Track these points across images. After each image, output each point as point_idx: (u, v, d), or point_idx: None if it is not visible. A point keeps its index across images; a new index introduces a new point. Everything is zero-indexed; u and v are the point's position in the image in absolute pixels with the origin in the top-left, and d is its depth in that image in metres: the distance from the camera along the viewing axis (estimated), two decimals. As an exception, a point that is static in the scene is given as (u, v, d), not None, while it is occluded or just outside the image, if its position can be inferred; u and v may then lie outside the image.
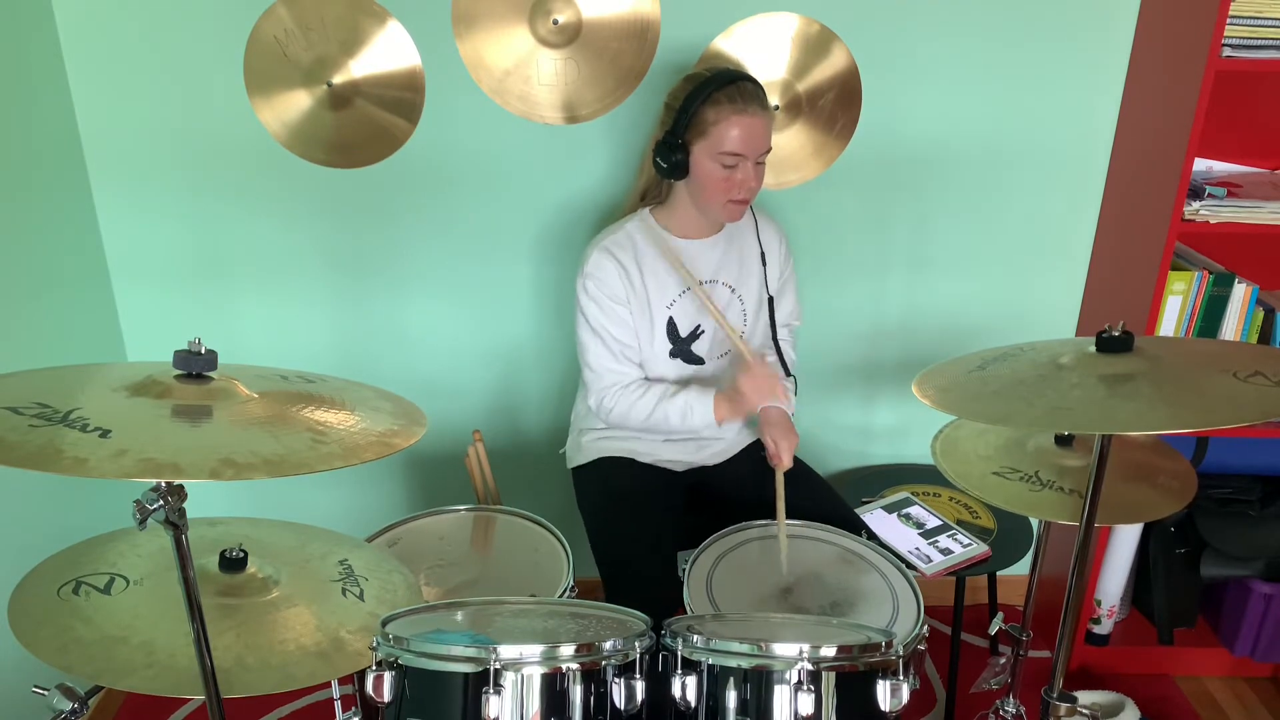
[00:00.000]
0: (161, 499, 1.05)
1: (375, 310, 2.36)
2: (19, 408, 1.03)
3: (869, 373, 2.48)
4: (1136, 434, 1.71)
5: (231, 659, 1.22)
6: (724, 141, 1.76)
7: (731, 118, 1.75)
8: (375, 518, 2.35)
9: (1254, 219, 2.00)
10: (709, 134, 1.76)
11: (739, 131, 1.75)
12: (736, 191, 1.80)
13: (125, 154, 2.19)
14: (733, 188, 1.80)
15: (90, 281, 2.25)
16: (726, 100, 1.75)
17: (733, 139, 1.75)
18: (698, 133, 1.77)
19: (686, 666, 1.29)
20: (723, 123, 1.75)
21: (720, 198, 1.82)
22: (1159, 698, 2.36)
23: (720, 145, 1.76)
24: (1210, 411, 1.19)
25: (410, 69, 2.08)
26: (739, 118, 1.75)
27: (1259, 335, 2.12)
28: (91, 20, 2.08)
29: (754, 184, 1.80)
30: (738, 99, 1.75)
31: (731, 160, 1.77)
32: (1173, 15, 2.01)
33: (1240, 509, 2.34)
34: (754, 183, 1.80)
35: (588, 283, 1.86)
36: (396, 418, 1.22)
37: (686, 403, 1.88)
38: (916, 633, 1.50)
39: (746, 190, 1.80)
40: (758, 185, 1.82)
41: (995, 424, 1.74)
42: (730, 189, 1.80)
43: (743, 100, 1.76)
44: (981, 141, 2.25)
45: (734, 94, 1.75)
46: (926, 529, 2.16)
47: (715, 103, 1.75)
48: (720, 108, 1.75)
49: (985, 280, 2.39)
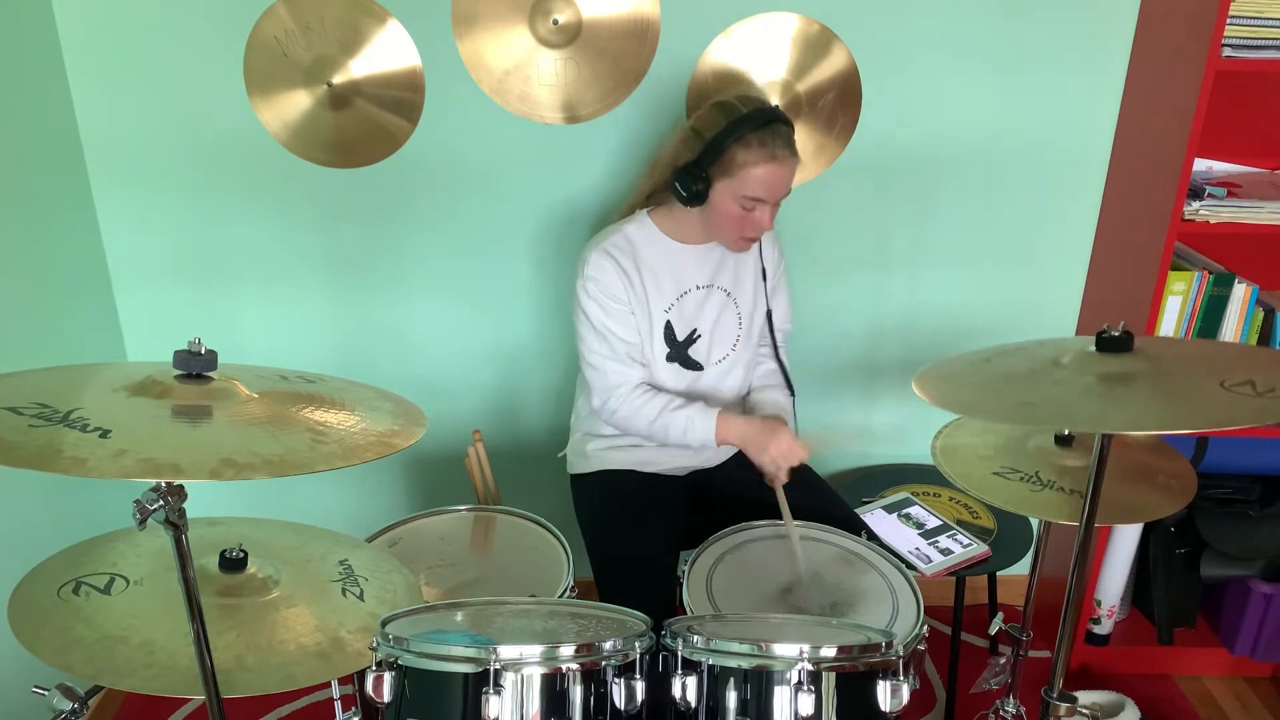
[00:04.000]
0: (161, 499, 1.05)
1: (375, 310, 2.36)
2: (19, 408, 1.03)
3: (869, 372, 2.47)
4: (1136, 434, 1.71)
5: (231, 659, 1.22)
6: (749, 186, 1.74)
7: (762, 164, 1.72)
8: (375, 518, 2.35)
9: (1254, 219, 2.00)
10: (735, 175, 1.74)
11: (767, 179, 1.73)
12: (750, 230, 1.80)
13: (125, 154, 2.19)
14: (748, 226, 1.80)
15: (90, 282, 2.25)
16: (759, 145, 1.72)
17: (759, 185, 1.74)
18: (723, 170, 1.75)
19: (686, 667, 1.29)
20: (752, 167, 1.72)
21: (733, 233, 1.82)
22: (1159, 698, 2.36)
23: (744, 189, 1.74)
24: (1210, 412, 1.19)
25: (410, 69, 2.08)
26: (769, 165, 1.72)
27: (1259, 336, 2.12)
28: (91, 20, 2.08)
29: (768, 225, 1.80)
30: (769, 144, 1.72)
31: (752, 204, 1.76)
32: (1173, 15, 2.01)
33: (1240, 509, 2.34)
34: (768, 224, 1.80)
35: (589, 284, 1.86)
36: (396, 418, 1.22)
37: (689, 418, 1.87)
38: (916, 633, 1.50)
39: (760, 230, 1.81)
40: (770, 226, 1.81)
41: (995, 422, 1.74)
42: (745, 227, 1.80)
43: (774, 145, 1.72)
44: (981, 141, 2.25)
45: (767, 138, 1.72)
46: (926, 529, 2.16)
47: (747, 145, 1.72)
48: (751, 151, 1.72)
49: (985, 280, 2.39)
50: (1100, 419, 1.22)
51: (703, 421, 1.87)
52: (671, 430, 1.88)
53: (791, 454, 1.83)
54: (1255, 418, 1.12)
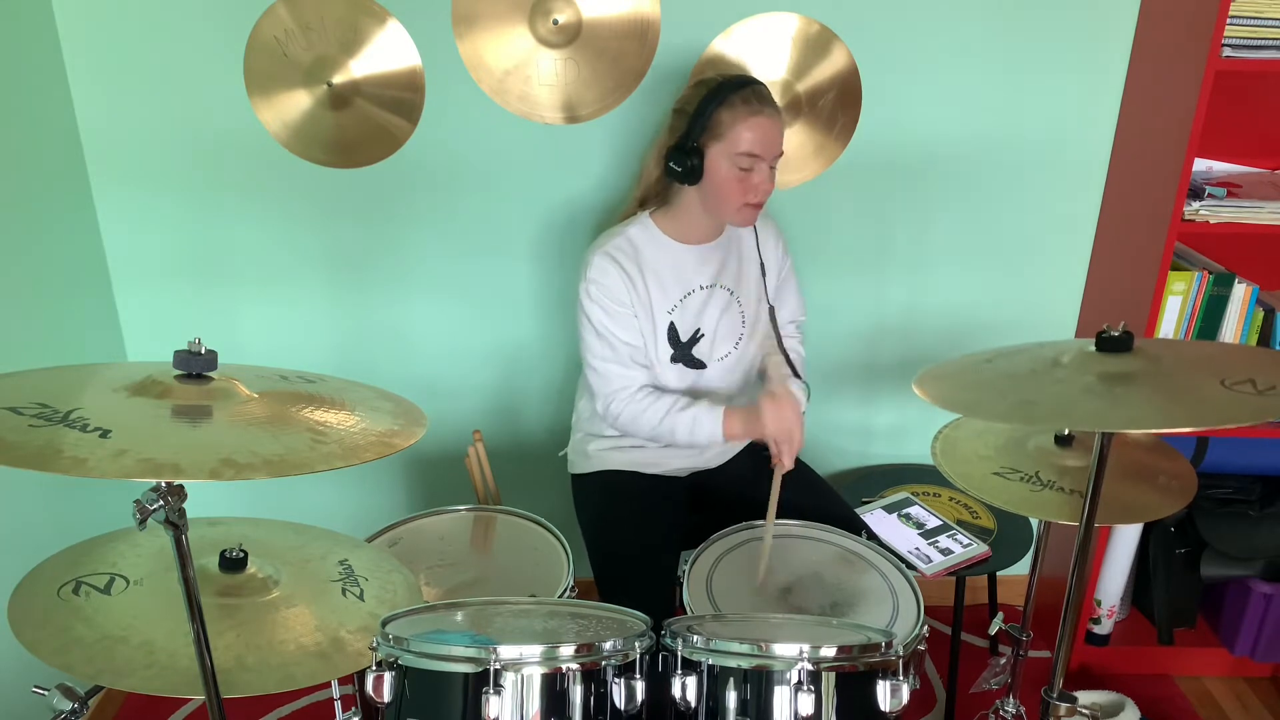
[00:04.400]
0: (161, 499, 1.05)
1: (375, 310, 2.36)
2: (19, 408, 1.03)
3: (869, 372, 2.48)
4: (1136, 433, 1.71)
5: (231, 659, 1.22)
6: (741, 141, 1.76)
7: (748, 119, 1.75)
8: (375, 518, 2.35)
9: (1254, 219, 2.00)
10: (725, 136, 1.76)
11: (756, 132, 1.76)
12: (752, 194, 1.80)
13: (125, 154, 2.19)
14: (749, 190, 1.80)
15: (90, 282, 2.25)
16: (741, 102, 1.76)
17: (750, 139, 1.76)
18: (713, 135, 1.77)
19: (686, 667, 1.29)
20: (739, 124, 1.75)
21: (736, 200, 1.81)
22: (1159, 698, 2.36)
23: (737, 145, 1.76)
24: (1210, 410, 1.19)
25: (410, 69, 2.08)
26: (755, 119, 1.76)
27: (1259, 336, 2.12)
28: (91, 20, 2.08)
29: (769, 186, 1.81)
30: (752, 100, 1.76)
31: (748, 161, 1.77)
32: (1173, 15, 2.01)
33: (1240, 509, 2.34)
34: (769, 185, 1.81)
35: (591, 287, 1.86)
36: (396, 418, 1.22)
37: (694, 417, 1.87)
38: (916, 633, 1.50)
39: (762, 193, 1.81)
40: (771, 188, 1.82)
41: (995, 421, 1.74)
42: (746, 192, 1.80)
43: (757, 102, 1.77)
44: (981, 141, 2.25)
45: (748, 95, 1.77)
46: (926, 529, 2.16)
47: (730, 105, 1.76)
48: (736, 110, 1.75)
49: (985, 280, 2.39)
50: (1100, 418, 1.22)
51: (709, 419, 1.87)
52: (678, 432, 1.88)
53: (784, 414, 1.80)
54: (1255, 416, 1.12)
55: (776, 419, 1.81)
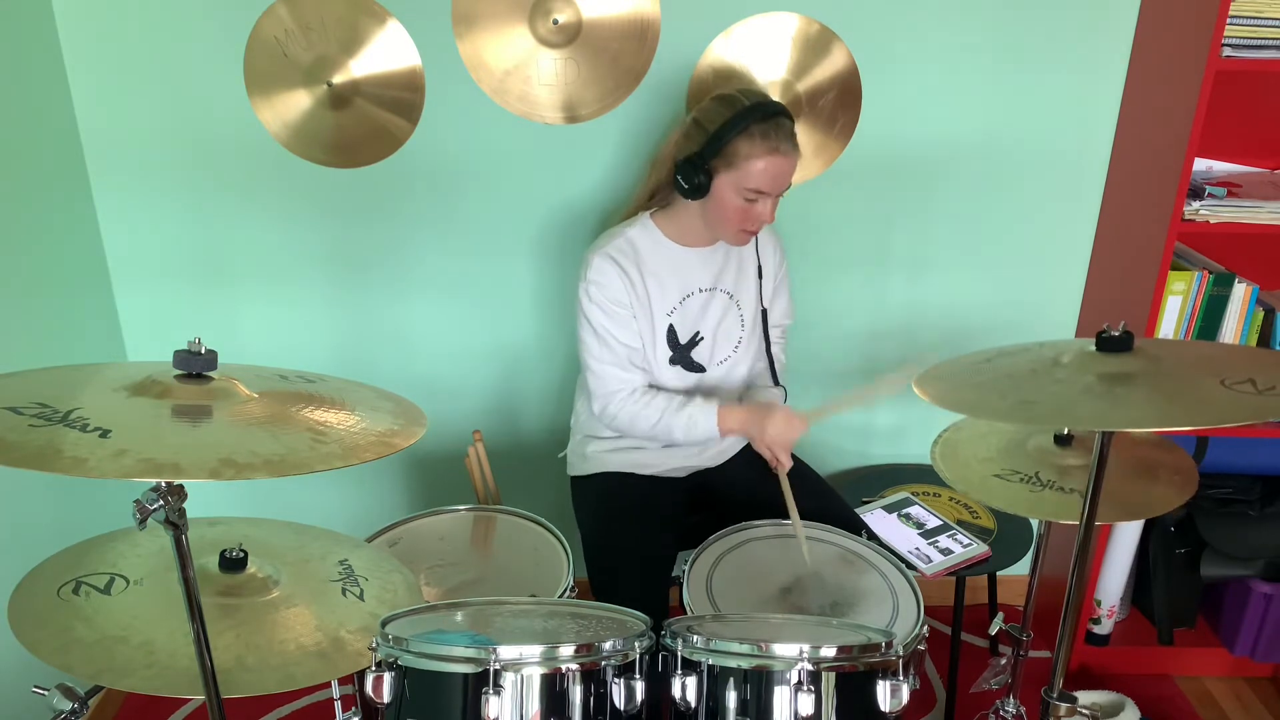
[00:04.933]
0: (161, 499, 1.05)
1: (375, 310, 2.36)
2: (19, 408, 1.03)
3: (869, 373, 2.47)
4: (1135, 431, 1.71)
5: (231, 659, 1.22)
6: (752, 178, 1.74)
7: (765, 156, 1.72)
8: (375, 518, 2.35)
9: (1254, 219, 2.00)
10: (738, 167, 1.74)
11: (769, 171, 1.73)
12: (751, 224, 1.80)
13: (125, 154, 2.19)
14: (749, 219, 1.79)
15: (90, 281, 2.25)
16: (761, 137, 1.72)
17: (761, 177, 1.74)
18: (726, 162, 1.74)
19: (686, 667, 1.29)
20: (755, 159, 1.72)
21: (733, 226, 1.81)
22: (1159, 698, 2.36)
23: (747, 181, 1.74)
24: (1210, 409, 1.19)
25: (410, 69, 2.08)
26: (772, 158, 1.73)
27: (1259, 336, 2.12)
28: (91, 20, 2.08)
29: (769, 218, 1.80)
30: (772, 136, 1.72)
31: (754, 196, 1.76)
32: (1173, 15, 2.01)
33: (1240, 509, 2.34)
34: (769, 217, 1.80)
35: (591, 288, 1.86)
36: (396, 418, 1.22)
37: (691, 416, 1.87)
38: (916, 633, 1.50)
39: (762, 224, 1.81)
40: (771, 220, 1.81)
41: (995, 421, 1.74)
42: (746, 220, 1.80)
43: (777, 138, 1.73)
44: (981, 141, 2.25)
45: (769, 131, 1.72)
46: (926, 529, 2.16)
47: (750, 136, 1.72)
48: (755, 143, 1.72)
49: (985, 280, 2.39)
50: (1100, 417, 1.22)
51: (704, 418, 1.87)
52: (675, 432, 1.88)
53: (789, 429, 1.84)
54: (1255, 416, 1.12)
55: (778, 433, 1.83)
